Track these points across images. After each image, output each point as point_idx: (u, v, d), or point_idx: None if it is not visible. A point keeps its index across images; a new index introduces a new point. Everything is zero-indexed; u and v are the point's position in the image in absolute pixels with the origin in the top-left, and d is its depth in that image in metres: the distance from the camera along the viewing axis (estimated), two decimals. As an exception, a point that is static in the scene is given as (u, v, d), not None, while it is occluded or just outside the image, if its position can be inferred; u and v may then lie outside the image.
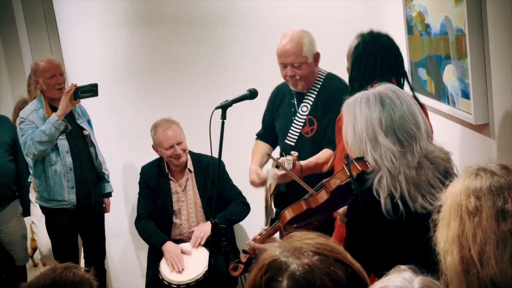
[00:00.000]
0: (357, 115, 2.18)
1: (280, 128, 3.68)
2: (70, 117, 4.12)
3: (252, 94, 3.36)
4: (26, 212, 4.62)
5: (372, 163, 2.15)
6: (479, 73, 2.71)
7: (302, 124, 3.54)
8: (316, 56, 3.53)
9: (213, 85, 4.50)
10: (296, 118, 3.55)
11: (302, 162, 3.26)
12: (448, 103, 3.04)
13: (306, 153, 3.46)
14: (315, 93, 3.54)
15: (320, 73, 3.58)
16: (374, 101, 2.16)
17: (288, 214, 2.35)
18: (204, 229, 3.96)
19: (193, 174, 4.18)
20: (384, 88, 2.24)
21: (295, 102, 3.60)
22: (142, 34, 4.55)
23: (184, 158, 4.11)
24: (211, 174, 4.02)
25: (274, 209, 3.20)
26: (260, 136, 3.87)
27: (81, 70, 4.62)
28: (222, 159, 3.13)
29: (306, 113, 3.53)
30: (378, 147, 2.13)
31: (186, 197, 4.16)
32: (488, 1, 2.59)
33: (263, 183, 3.59)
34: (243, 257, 2.59)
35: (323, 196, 2.26)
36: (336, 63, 3.56)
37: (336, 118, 3.32)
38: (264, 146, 3.80)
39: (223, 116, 3.08)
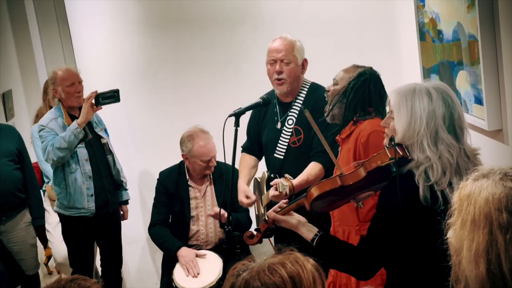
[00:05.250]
0: (416, 107, 2.17)
1: (267, 140, 3.67)
2: (88, 125, 4.13)
3: (265, 102, 3.38)
4: (41, 220, 4.63)
5: (426, 155, 2.14)
6: (492, 79, 2.71)
7: (289, 136, 3.53)
8: (304, 63, 3.55)
9: (228, 90, 4.50)
10: (283, 131, 3.54)
11: (294, 182, 3.26)
12: (461, 109, 3.03)
13: (291, 163, 3.47)
14: (301, 102, 3.53)
15: (304, 82, 3.59)
16: (436, 97, 2.17)
17: (316, 190, 2.31)
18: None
19: (212, 181, 4.21)
20: (441, 85, 2.26)
21: (277, 110, 3.61)
22: (157, 38, 4.56)
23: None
24: (230, 181, 4.02)
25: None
26: (246, 148, 3.85)
27: (95, 75, 4.61)
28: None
29: (292, 125, 3.52)
30: (438, 142, 2.15)
31: (205, 203, 4.18)
32: (500, 7, 2.59)
33: (251, 203, 3.60)
34: (262, 226, 2.55)
35: (360, 174, 2.23)
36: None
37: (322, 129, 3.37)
38: (250, 160, 3.81)
39: (237, 124, 3.10)
